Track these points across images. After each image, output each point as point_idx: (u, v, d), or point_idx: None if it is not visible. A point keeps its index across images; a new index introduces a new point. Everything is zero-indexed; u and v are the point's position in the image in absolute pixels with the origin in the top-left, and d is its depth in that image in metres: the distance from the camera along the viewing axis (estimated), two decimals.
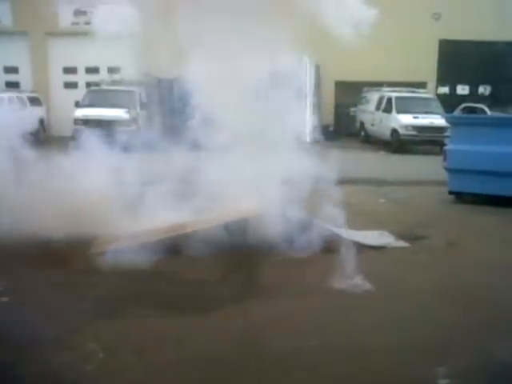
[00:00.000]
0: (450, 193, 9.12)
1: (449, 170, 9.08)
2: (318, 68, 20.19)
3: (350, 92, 20.75)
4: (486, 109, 18.52)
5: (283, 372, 3.37)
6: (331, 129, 20.80)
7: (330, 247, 5.91)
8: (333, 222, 6.59)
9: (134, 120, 16.23)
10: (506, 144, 8.33)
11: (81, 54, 19.84)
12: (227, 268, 5.23)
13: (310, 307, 4.29)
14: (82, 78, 20.70)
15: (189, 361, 3.54)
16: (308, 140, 19.53)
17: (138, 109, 16.95)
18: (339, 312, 4.29)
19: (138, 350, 3.66)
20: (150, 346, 3.74)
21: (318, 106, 20.40)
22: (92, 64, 20.44)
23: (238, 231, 6.00)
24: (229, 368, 3.44)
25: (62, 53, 20.20)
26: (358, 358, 3.55)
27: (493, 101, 20.47)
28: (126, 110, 16.18)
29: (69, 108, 17.47)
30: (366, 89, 20.31)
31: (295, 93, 6.76)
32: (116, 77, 19.02)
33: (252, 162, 6.11)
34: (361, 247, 6.02)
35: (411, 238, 6.54)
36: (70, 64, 20.57)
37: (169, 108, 20.00)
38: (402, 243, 6.36)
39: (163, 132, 18.99)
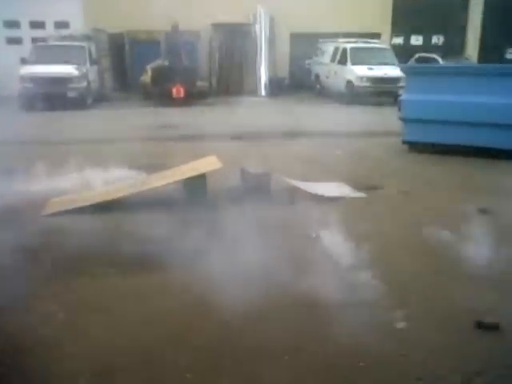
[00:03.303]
0: (404, 143, 9.26)
1: (403, 119, 9.18)
2: (272, 20, 19.88)
3: (305, 44, 20.55)
4: (439, 59, 18.73)
5: (245, 325, 3.41)
6: (286, 81, 20.65)
7: (289, 199, 5.96)
8: (290, 174, 6.65)
9: (84, 76, 15.69)
10: (460, 93, 8.44)
11: (24, 8, 18.88)
12: (187, 223, 5.21)
13: (271, 260, 4.32)
14: (26, 33, 19.73)
15: (153, 316, 3.55)
16: (263, 93, 19.45)
17: (88, 65, 16.37)
18: (298, 262, 4.34)
19: (101, 309, 3.65)
20: (112, 303, 3.72)
21: (273, 59, 20.20)
22: (37, 18, 19.51)
23: (196, 187, 5.97)
24: (192, 322, 3.46)
25: (2, 5, 19.11)
26: (317, 308, 3.62)
27: (446, 50, 20.68)
28: (76, 66, 15.59)
29: (13, 65, 16.65)
30: (321, 40, 20.14)
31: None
32: (64, 32, 18.27)
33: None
34: (319, 198, 6.09)
35: (368, 188, 6.65)
36: (11, 18, 19.53)
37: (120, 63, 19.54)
38: (358, 194, 6.46)
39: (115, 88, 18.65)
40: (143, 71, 17.31)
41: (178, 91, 15.94)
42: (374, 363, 3.02)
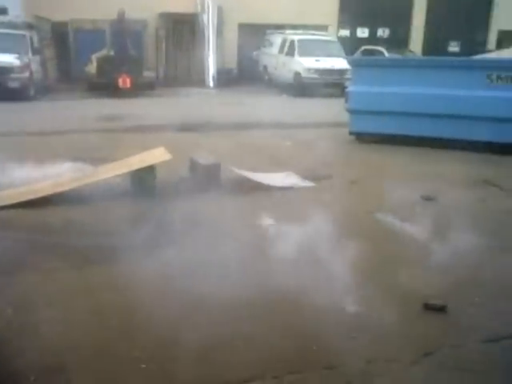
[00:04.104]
0: (351, 133, 9.43)
1: (350, 111, 9.35)
2: (220, 10, 19.76)
3: (253, 35, 20.55)
4: (385, 51, 19.15)
5: (203, 313, 3.42)
6: (235, 72, 20.62)
7: (239, 189, 5.99)
8: (240, 165, 6.67)
9: (26, 66, 15.15)
10: (405, 85, 8.68)
11: None
12: (136, 216, 5.15)
13: (223, 249, 4.34)
14: None
15: (105, 309, 3.50)
16: (211, 84, 19.34)
17: (31, 54, 15.81)
18: (251, 250, 4.38)
19: (50, 304, 3.56)
20: (62, 298, 3.65)
21: (221, 50, 20.10)
22: None
23: (144, 179, 5.91)
24: (143, 315, 3.43)
25: None
26: (272, 296, 3.66)
27: (391, 43, 21.16)
28: (17, 55, 15.02)
29: None
30: (268, 31, 20.19)
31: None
32: (2, 19, 17.56)
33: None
34: (269, 189, 6.14)
35: (316, 177, 6.75)
36: None
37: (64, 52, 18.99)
38: (307, 183, 6.55)
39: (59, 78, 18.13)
40: (88, 61, 16.89)
41: (124, 81, 15.64)
42: (326, 346, 3.09)
